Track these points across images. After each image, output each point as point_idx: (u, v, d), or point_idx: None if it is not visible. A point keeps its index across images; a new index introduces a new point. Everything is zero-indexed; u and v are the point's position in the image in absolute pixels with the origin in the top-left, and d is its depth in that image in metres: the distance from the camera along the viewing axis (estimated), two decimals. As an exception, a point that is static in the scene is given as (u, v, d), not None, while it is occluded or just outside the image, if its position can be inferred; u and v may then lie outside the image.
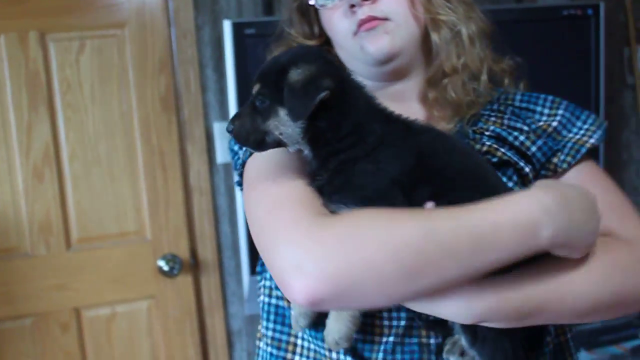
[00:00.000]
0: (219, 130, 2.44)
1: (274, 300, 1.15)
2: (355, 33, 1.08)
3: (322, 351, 1.09)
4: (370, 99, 1.00)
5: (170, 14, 2.38)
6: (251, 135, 0.96)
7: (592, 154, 1.11)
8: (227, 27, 2.19)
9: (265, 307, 1.16)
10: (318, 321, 1.04)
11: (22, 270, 2.33)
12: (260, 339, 1.20)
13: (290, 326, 1.11)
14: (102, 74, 2.35)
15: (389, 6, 1.08)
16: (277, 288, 1.14)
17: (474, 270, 0.85)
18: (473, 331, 0.95)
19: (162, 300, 2.47)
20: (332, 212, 0.93)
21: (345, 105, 0.96)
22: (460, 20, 1.12)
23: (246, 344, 2.60)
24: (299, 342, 1.13)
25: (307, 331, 1.10)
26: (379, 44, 1.07)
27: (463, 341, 0.98)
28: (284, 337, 1.13)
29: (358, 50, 1.09)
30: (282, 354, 1.13)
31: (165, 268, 2.42)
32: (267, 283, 1.17)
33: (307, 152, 0.99)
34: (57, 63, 2.31)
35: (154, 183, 2.41)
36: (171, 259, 2.43)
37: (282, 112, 0.95)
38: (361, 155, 0.95)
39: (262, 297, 1.17)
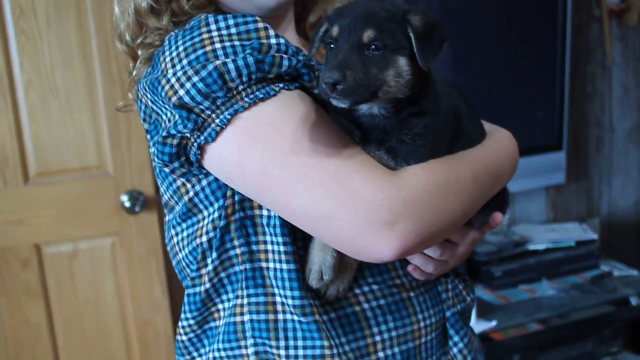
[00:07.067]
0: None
1: (262, 265, 1.04)
2: None
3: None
4: None
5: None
6: (367, 89, 0.87)
7: None
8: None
9: (249, 274, 1.04)
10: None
11: (-23, 205, 2.24)
12: (241, 314, 1.05)
13: (299, 287, 1.01)
14: (58, -1, 2.23)
15: None
16: (258, 252, 1.04)
17: (487, 199, 1.08)
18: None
19: (127, 237, 2.40)
20: (393, 168, 0.96)
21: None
22: None
23: (214, 281, 2.54)
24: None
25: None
26: None
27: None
28: (307, 302, 1.01)
29: None
30: (309, 317, 1.02)
31: (129, 204, 2.35)
32: (239, 250, 1.04)
33: (382, 111, 0.95)
34: (9, -13, 2.19)
35: (115, 115, 2.30)
36: (135, 195, 2.35)
37: (402, 61, 0.91)
38: (430, 117, 0.96)
39: (238, 267, 1.05)
